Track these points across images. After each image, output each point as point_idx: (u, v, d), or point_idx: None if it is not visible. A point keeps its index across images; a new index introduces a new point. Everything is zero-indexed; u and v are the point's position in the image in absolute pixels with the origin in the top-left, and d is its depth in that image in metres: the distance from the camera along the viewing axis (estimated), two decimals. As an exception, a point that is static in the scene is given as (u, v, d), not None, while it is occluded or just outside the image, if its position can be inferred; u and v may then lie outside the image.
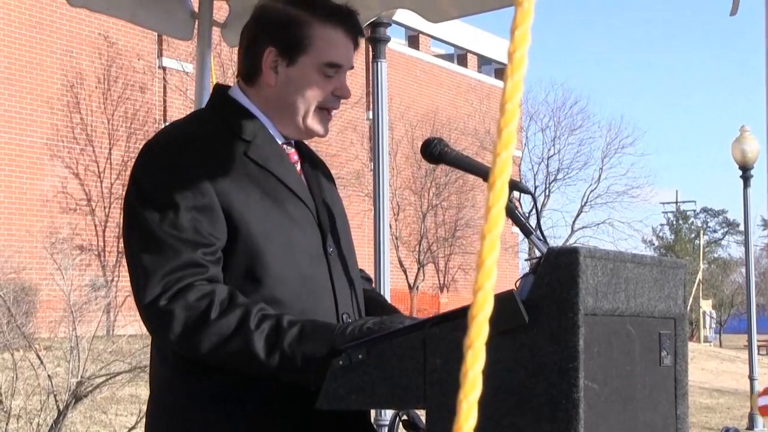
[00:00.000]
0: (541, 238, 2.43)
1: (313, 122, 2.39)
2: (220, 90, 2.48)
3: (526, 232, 2.41)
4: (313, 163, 2.53)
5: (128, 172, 2.37)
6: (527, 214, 2.47)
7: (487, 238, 0.73)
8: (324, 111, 2.40)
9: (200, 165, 2.25)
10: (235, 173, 2.28)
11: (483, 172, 2.48)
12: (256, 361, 2.13)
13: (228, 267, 2.25)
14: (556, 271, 1.94)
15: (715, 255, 61.93)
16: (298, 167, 2.45)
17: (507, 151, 0.71)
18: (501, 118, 0.71)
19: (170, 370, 2.31)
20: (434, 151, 2.52)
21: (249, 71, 2.41)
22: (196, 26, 3.91)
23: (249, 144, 2.34)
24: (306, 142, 2.55)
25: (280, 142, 2.41)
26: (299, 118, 2.38)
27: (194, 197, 2.21)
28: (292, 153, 2.45)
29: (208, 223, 2.21)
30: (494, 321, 0.91)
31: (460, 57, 35.91)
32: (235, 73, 2.52)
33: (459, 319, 2.02)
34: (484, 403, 0.96)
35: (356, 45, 2.43)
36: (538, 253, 2.24)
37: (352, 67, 2.44)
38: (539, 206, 2.59)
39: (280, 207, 2.32)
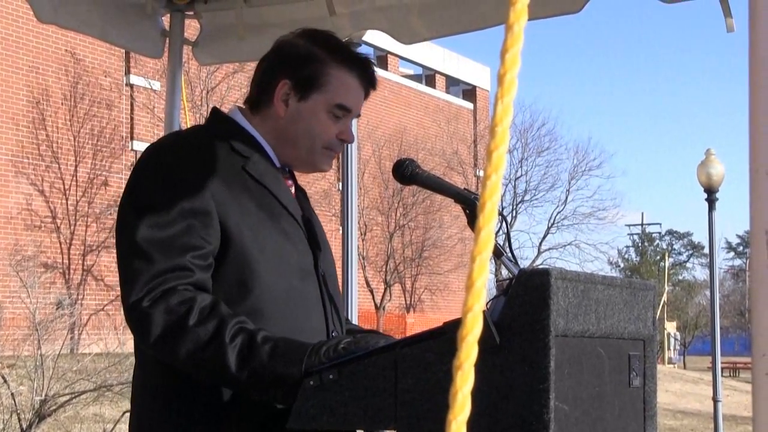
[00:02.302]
0: (512, 259, 2.44)
1: (317, 159, 2.45)
2: (218, 112, 2.52)
3: (497, 253, 2.42)
4: (303, 192, 2.58)
5: (94, 190, 2.41)
6: (495, 235, 2.48)
7: (477, 260, 0.73)
8: (328, 150, 2.45)
9: (198, 171, 2.28)
10: (233, 184, 2.31)
11: (454, 193, 2.50)
12: (227, 373, 2.12)
13: (219, 275, 2.25)
14: (528, 293, 1.95)
15: (680, 277, 62.48)
16: (293, 191, 2.49)
17: (497, 174, 0.72)
18: (491, 141, 0.72)
19: (158, 383, 2.29)
20: (406, 172, 2.53)
21: (258, 99, 2.45)
22: (166, 44, 3.90)
23: (247, 159, 2.37)
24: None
25: (276, 166, 2.45)
26: (303, 152, 2.43)
27: (190, 200, 2.23)
28: (287, 177, 2.48)
29: (201, 227, 2.22)
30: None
31: (428, 78, 36.04)
32: (208, 88, 2.55)
33: (430, 340, 2.02)
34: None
35: (367, 95, 2.49)
36: (505, 272, 2.25)
37: (359, 115, 2.50)
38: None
39: (274, 221, 2.34)
